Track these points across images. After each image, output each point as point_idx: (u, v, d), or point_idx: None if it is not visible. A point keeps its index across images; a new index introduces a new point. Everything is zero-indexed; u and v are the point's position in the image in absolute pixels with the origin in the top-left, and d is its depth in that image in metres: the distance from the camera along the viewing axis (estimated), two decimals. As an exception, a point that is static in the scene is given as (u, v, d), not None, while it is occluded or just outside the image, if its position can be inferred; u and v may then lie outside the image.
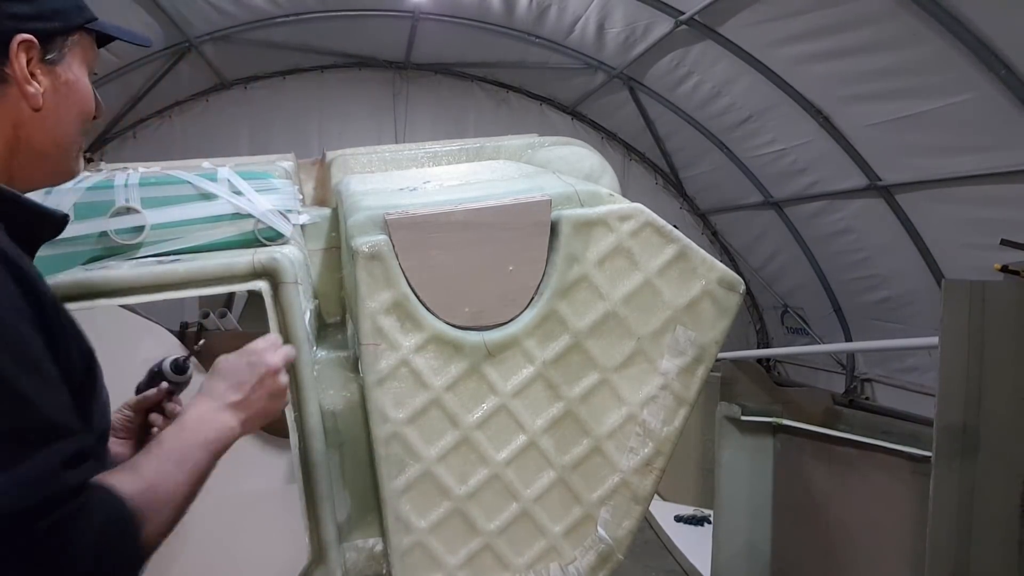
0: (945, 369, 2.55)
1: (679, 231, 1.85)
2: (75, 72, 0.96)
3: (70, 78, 0.95)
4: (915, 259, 4.64)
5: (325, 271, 2.31)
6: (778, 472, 3.46)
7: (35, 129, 0.92)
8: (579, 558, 1.79)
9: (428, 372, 1.69)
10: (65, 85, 0.94)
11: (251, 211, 1.91)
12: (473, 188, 1.89)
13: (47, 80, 0.92)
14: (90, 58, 0.99)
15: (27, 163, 0.93)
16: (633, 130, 6.86)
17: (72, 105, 0.96)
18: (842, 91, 4.32)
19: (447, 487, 1.72)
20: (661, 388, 1.79)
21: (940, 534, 2.49)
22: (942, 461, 2.50)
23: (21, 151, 0.92)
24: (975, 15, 3.23)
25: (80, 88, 0.96)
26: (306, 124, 6.57)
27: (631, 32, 5.26)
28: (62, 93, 0.94)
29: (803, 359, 6.53)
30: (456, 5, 5.56)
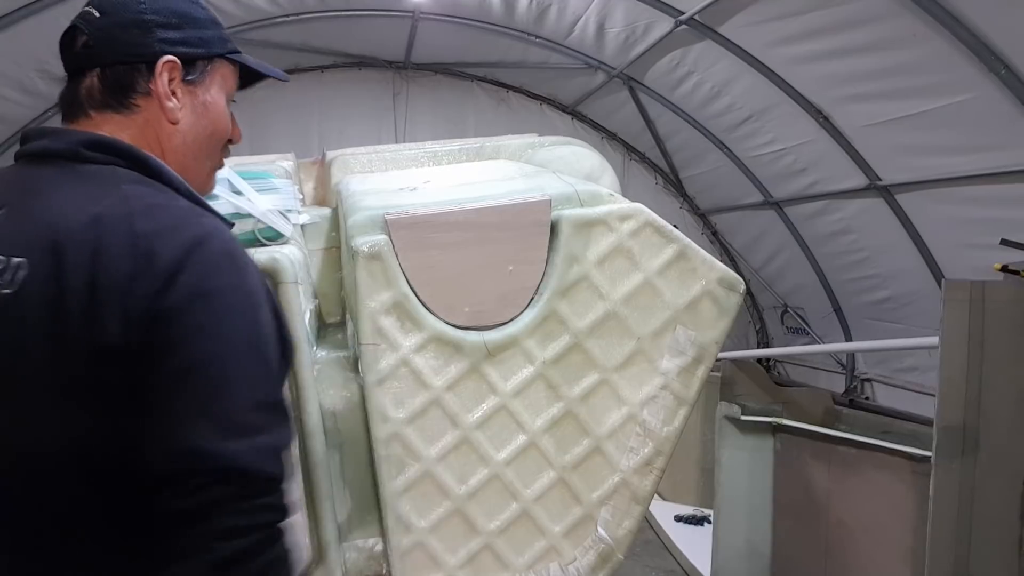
0: (945, 369, 2.55)
1: (679, 231, 1.85)
2: (212, 95, 1.04)
3: (207, 99, 1.04)
4: (915, 259, 4.64)
5: (325, 271, 2.31)
6: (778, 472, 3.46)
7: (174, 141, 1.01)
8: (579, 558, 1.79)
9: (428, 372, 1.69)
10: (202, 105, 1.03)
11: (251, 211, 1.91)
12: (473, 188, 1.89)
13: (186, 98, 1.02)
14: (229, 86, 1.08)
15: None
16: (633, 130, 6.85)
17: (207, 123, 1.04)
18: (842, 91, 4.32)
19: (447, 487, 1.72)
20: (661, 388, 1.79)
21: (940, 534, 2.49)
22: (942, 461, 2.50)
23: (167, 161, 1.00)
24: (975, 15, 3.23)
25: (216, 110, 1.05)
26: (306, 124, 6.56)
27: (631, 32, 5.25)
28: (198, 112, 1.03)
29: (803, 359, 6.53)
30: (456, 5, 5.56)
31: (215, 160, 1.08)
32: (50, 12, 4.07)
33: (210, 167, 1.08)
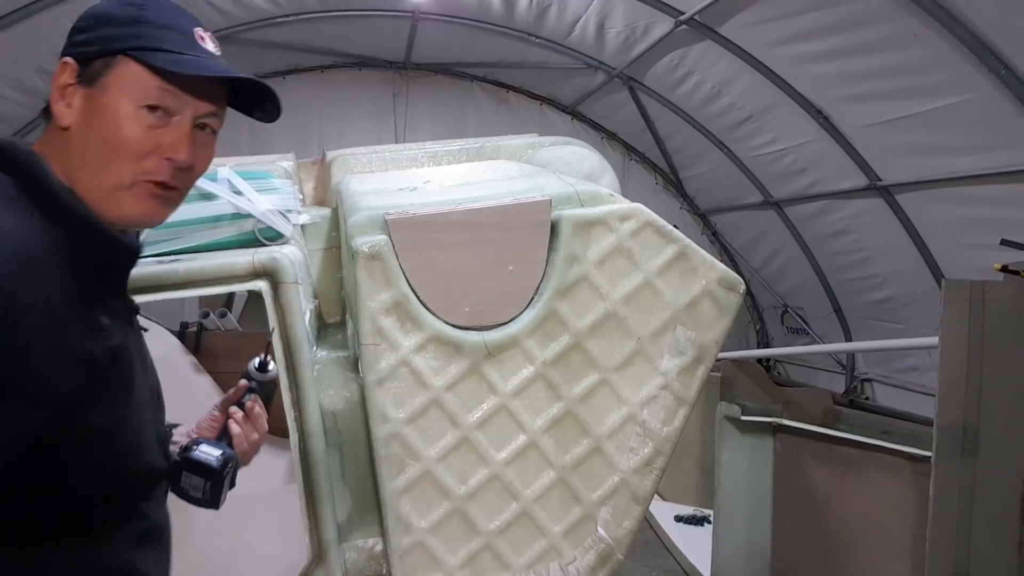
0: (945, 369, 2.55)
1: (679, 231, 1.85)
2: (110, 98, 0.92)
3: (101, 103, 0.92)
4: (915, 259, 4.64)
5: (325, 271, 2.31)
6: (778, 472, 3.46)
7: (66, 148, 0.93)
8: (579, 558, 1.79)
9: (428, 372, 1.69)
10: (94, 109, 0.92)
11: (251, 211, 1.91)
12: (473, 188, 1.89)
13: (80, 102, 0.93)
14: (140, 89, 0.92)
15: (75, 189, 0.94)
16: (633, 130, 6.86)
17: (98, 130, 0.92)
18: (842, 91, 4.32)
19: (447, 487, 1.72)
20: (661, 388, 1.79)
21: (940, 534, 2.49)
22: (942, 461, 2.50)
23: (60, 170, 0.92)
24: (975, 15, 3.23)
25: (111, 115, 0.92)
26: (306, 124, 6.56)
27: (631, 32, 5.26)
28: (89, 117, 0.92)
29: (803, 359, 6.53)
30: (456, 5, 5.56)
31: (120, 174, 0.92)
32: (50, 12, 4.07)
33: (113, 182, 0.92)
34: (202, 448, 1.10)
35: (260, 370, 1.20)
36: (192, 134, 0.96)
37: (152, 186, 0.94)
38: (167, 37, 0.94)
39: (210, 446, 1.11)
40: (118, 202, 0.93)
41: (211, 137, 1.01)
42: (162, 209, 0.98)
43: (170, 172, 0.95)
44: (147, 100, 0.93)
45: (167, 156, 0.94)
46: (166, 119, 0.94)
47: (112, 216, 0.93)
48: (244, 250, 1.87)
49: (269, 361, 1.20)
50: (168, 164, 0.94)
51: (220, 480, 1.09)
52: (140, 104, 0.92)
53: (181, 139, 0.95)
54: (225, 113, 1.04)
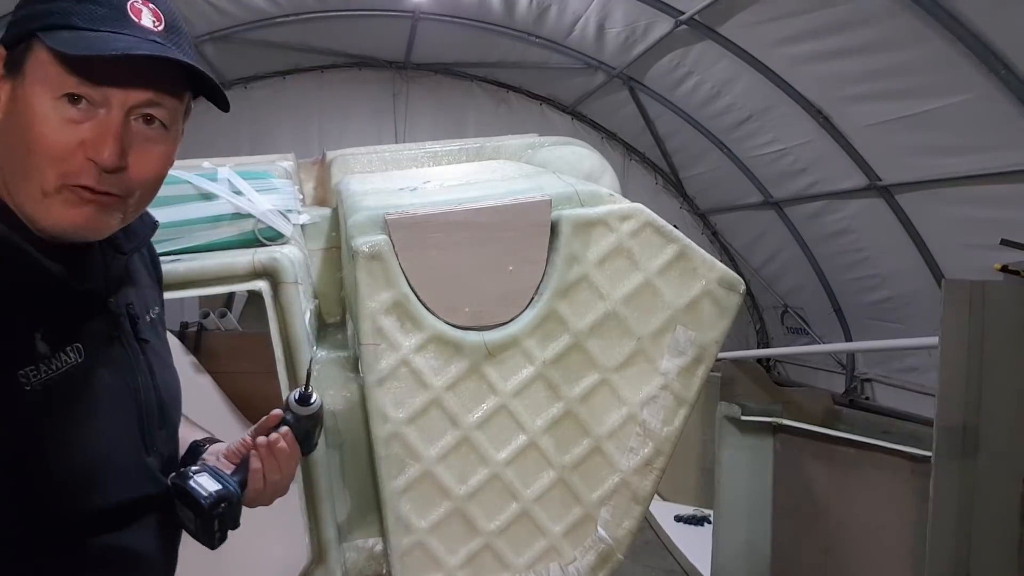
0: (945, 369, 2.55)
1: (679, 231, 1.85)
2: (27, 88, 0.78)
3: (19, 94, 0.79)
4: (915, 259, 4.64)
5: (325, 271, 2.31)
6: (778, 472, 3.46)
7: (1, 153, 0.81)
8: (579, 558, 1.79)
9: (428, 372, 1.69)
10: (14, 103, 0.79)
11: (251, 211, 1.91)
12: (473, 188, 1.89)
13: (5, 96, 0.81)
14: (51, 76, 0.78)
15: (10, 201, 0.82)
16: (633, 130, 6.86)
17: (18, 128, 0.79)
18: (842, 91, 4.32)
19: (447, 487, 1.72)
20: (661, 388, 1.79)
21: (940, 534, 2.49)
22: (942, 461, 2.50)
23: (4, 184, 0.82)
24: (975, 15, 3.23)
25: (27, 109, 0.78)
26: (306, 124, 6.57)
27: (631, 32, 5.26)
28: (11, 112, 0.80)
29: (803, 359, 6.53)
30: (456, 5, 5.56)
31: (43, 179, 0.78)
32: (50, 12, 4.07)
33: (37, 188, 0.79)
34: (199, 479, 0.95)
35: (300, 402, 1.03)
36: (124, 129, 0.81)
37: (77, 190, 0.79)
38: (82, 11, 0.79)
39: (212, 478, 0.96)
40: (47, 211, 0.80)
41: (161, 132, 0.84)
42: (100, 217, 0.82)
43: (95, 175, 0.79)
44: (63, 89, 0.78)
45: (89, 156, 0.79)
46: (91, 111, 0.79)
47: (45, 226, 0.81)
48: (244, 250, 1.87)
49: (312, 393, 1.03)
50: (92, 165, 0.79)
51: (209, 519, 0.95)
52: (56, 95, 0.78)
53: (104, 135, 0.79)
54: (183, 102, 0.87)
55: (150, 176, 0.85)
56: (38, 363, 0.79)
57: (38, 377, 0.79)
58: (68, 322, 0.85)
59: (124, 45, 0.78)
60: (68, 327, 0.84)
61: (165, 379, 1.00)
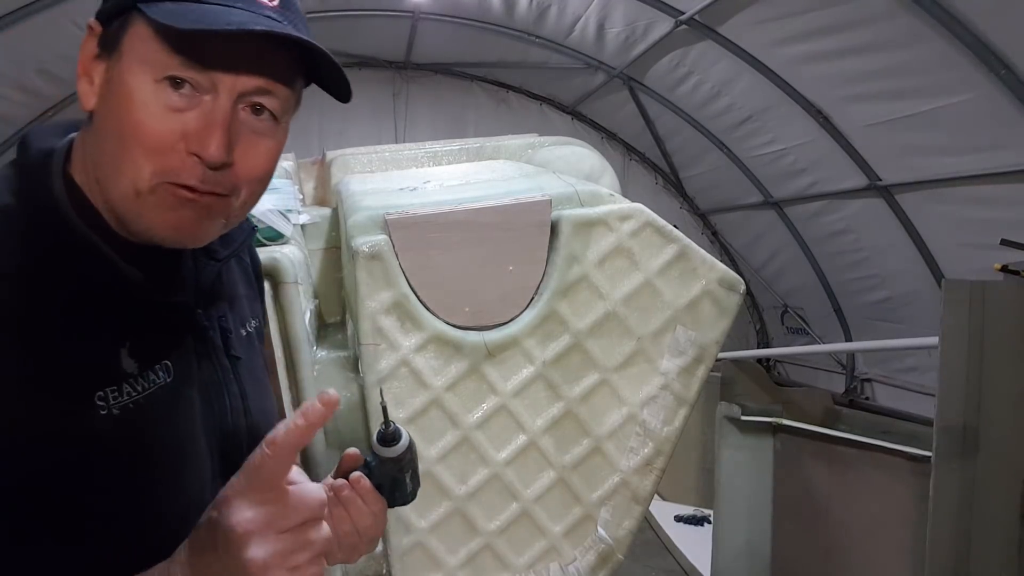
0: (945, 369, 2.55)
1: (679, 231, 1.85)
2: (123, 69, 0.67)
3: (116, 77, 0.68)
4: (915, 259, 4.64)
5: (325, 271, 2.31)
6: (778, 472, 3.46)
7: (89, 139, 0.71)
8: (579, 558, 1.79)
9: (428, 372, 1.69)
10: (109, 86, 0.68)
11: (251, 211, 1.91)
12: (473, 188, 1.89)
13: (100, 77, 0.70)
14: (153, 55, 0.66)
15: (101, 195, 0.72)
16: (633, 130, 6.86)
17: (112, 114, 0.68)
18: (842, 91, 4.32)
19: (447, 487, 1.72)
20: (661, 388, 1.79)
21: (940, 534, 2.49)
22: (942, 461, 2.51)
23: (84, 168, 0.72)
24: (975, 15, 3.23)
25: (123, 92, 0.67)
26: (306, 124, 6.57)
27: (631, 32, 5.26)
28: (105, 96, 0.69)
29: (803, 359, 6.53)
30: (456, 5, 5.56)
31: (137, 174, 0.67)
32: (50, 12, 4.07)
33: (131, 186, 0.68)
34: None
35: (383, 442, 0.81)
36: (231, 119, 0.69)
37: (177, 189, 0.68)
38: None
39: None
40: (140, 213, 0.69)
41: (270, 124, 0.72)
42: (201, 222, 0.71)
43: (199, 172, 0.68)
44: (165, 71, 0.66)
45: (192, 150, 0.67)
46: (195, 98, 0.67)
47: (138, 228, 0.70)
48: (244, 250, 1.87)
49: (397, 430, 0.81)
50: (195, 161, 0.68)
51: None
52: (158, 77, 0.66)
53: (211, 125, 0.67)
54: (296, 91, 0.75)
55: (258, 174, 0.73)
56: (121, 382, 0.68)
57: (119, 399, 0.67)
58: (155, 336, 0.73)
59: (240, 19, 0.66)
60: (156, 342, 0.73)
61: (259, 403, 0.87)
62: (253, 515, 0.61)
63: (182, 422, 0.75)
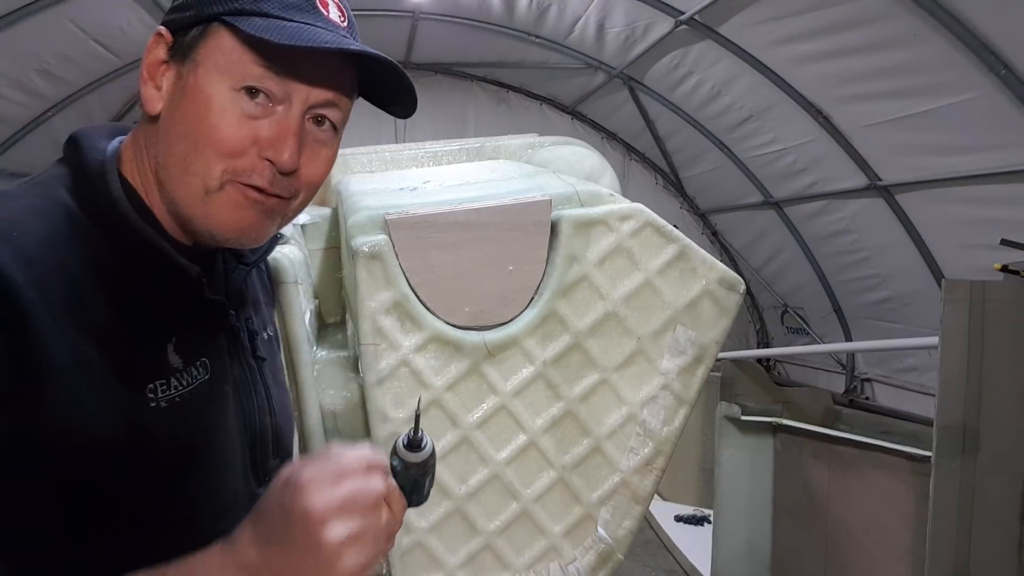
0: (945, 369, 2.55)
1: (679, 231, 1.85)
2: (200, 76, 0.72)
3: (189, 83, 0.73)
4: (915, 259, 4.64)
5: (325, 271, 2.31)
6: (778, 472, 3.47)
7: (157, 144, 0.75)
8: (579, 558, 1.79)
9: (428, 372, 1.69)
10: (183, 91, 0.73)
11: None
12: (473, 188, 1.89)
13: (170, 83, 0.74)
14: (233, 65, 0.71)
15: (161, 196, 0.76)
16: (633, 130, 6.86)
17: (184, 118, 0.72)
18: (842, 91, 4.32)
19: (447, 487, 1.72)
20: (661, 388, 1.79)
21: (940, 534, 2.49)
22: (942, 461, 2.51)
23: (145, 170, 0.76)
24: (975, 15, 3.23)
25: (198, 97, 0.72)
26: (306, 124, 6.57)
27: (631, 32, 5.26)
28: (178, 101, 0.73)
29: (803, 359, 6.53)
30: (456, 5, 5.56)
31: (208, 174, 0.72)
32: (50, 12, 4.07)
33: (200, 184, 0.72)
34: None
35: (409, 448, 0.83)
36: (302, 129, 0.75)
37: (246, 189, 0.73)
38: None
39: None
40: (207, 210, 0.73)
41: (330, 134, 0.79)
42: (263, 221, 0.76)
43: (269, 175, 0.73)
44: (244, 81, 0.72)
45: (266, 155, 0.73)
46: (269, 107, 0.73)
47: (200, 228, 0.74)
48: (244, 250, 1.88)
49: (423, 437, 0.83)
50: (267, 165, 0.73)
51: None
52: (236, 86, 0.72)
53: (284, 133, 0.73)
54: (351, 104, 0.81)
55: (318, 179, 0.80)
56: (169, 377, 0.72)
57: (167, 393, 0.71)
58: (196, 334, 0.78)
59: (328, 38, 0.72)
60: (197, 339, 0.78)
61: (281, 404, 0.91)
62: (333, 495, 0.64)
63: (220, 418, 0.79)
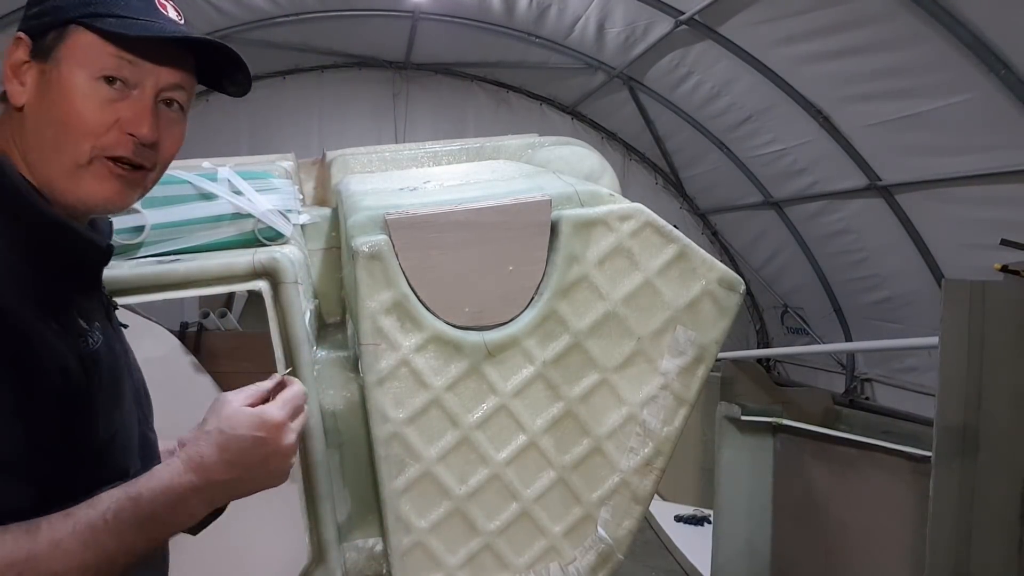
0: (945, 369, 2.55)
1: (679, 231, 1.85)
2: (63, 72, 0.85)
3: (54, 77, 0.85)
4: (915, 259, 4.64)
5: (325, 271, 2.31)
6: (778, 472, 3.46)
7: (22, 130, 0.87)
8: (579, 558, 1.79)
9: (428, 372, 1.69)
10: (47, 84, 0.85)
11: (251, 211, 1.91)
12: (473, 188, 1.89)
13: (33, 79, 0.86)
14: (93, 58, 0.85)
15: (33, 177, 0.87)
16: (633, 130, 6.86)
17: (52, 107, 0.85)
18: (842, 91, 4.32)
19: (447, 487, 1.72)
20: (661, 388, 1.79)
21: (940, 534, 2.49)
22: (942, 461, 2.50)
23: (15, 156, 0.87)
24: (975, 15, 3.23)
25: (65, 89, 0.85)
26: (306, 124, 6.56)
27: (631, 32, 5.26)
28: (43, 93, 0.86)
29: (803, 359, 6.53)
30: (456, 5, 5.56)
31: (77, 152, 0.85)
32: (50, 12, 4.07)
33: (70, 161, 0.85)
34: None
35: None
36: (155, 108, 0.89)
37: (112, 164, 0.87)
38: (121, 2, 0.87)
39: None
40: (77, 183, 0.86)
41: (179, 114, 0.93)
42: (126, 191, 0.89)
43: (132, 147, 0.87)
44: (103, 71, 0.85)
45: (128, 131, 0.87)
46: (125, 92, 0.87)
47: (71, 200, 0.87)
48: (244, 250, 1.87)
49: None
50: (129, 139, 0.87)
51: None
52: (95, 75, 0.85)
53: (142, 112, 0.87)
54: (194, 88, 0.96)
55: (172, 152, 0.94)
56: (86, 336, 0.85)
57: (87, 348, 0.85)
58: (86, 301, 0.90)
59: (172, 28, 0.89)
60: (88, 306, 0.90)
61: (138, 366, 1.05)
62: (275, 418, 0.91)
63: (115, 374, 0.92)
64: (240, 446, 0.87)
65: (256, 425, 0.88)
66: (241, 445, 0.87)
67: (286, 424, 0.91)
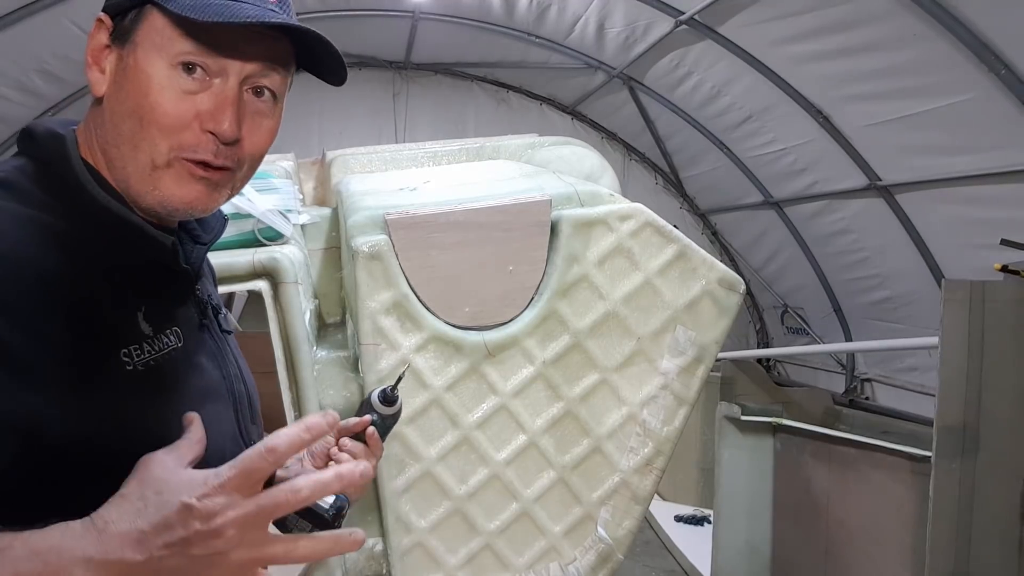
0: (945, 369, 2.55)
1: (679, 231, 1.85)
2: (139, 57, 0.75)
3: (129, 64, 0.76)
4: (915, 259, 4.64)
5: (325, 271, 2.31)
6: (778, 472, 3.46)
7: (100, 123, 0.79)
8: (579, 558, 1.79)
9: (428, 372, 1.69)
10: (124, 73, 0.76)
11: (251, 211, 1.91)
12: (473, 188, 1.89)
13: (111, 66, 0.78)
14: (168, 44, 0.75)
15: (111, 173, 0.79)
16: (633, 130, 6.85)
17: (127, 97, 0.76)
18: (842, 91, 4.32)
19: (447, 487, 1.72)
20: (661, 388, 1.79)
21: (940, 534, 2.49)
22: (942, 461, 2.50)
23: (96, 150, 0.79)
24: (975, 15, 3.23)
25: (139, 78, 0.75)
26: (306, 124, 6.56)
27: (631, 32, 5.26)
28: (120, 83, 0.77)
29: (803, 359, 6.53)
30: (456, 5, 5.56)
31: (154, 150, 0.76)
32: (50, 12, 4.07)
33: (147, 161, 0.76)
34: None
35: (385, 402, 0.99)
36: (240, 99, 0.78)
37: (192, 165, 0.77)
38: None
39: None
40: (155, 185, 0.77)
41: (270, 104, 0.82)
42: (209, 194, 0.79)
43: (213, 148, 0.77)
44: (179, 57, 0.75)
45: (207, 127, 0.76)
46: (206, 81, 0.76)
47: (151, 202, 0.77)
48: (244, 250, 1.87)
49: (397, 395, 0.99)
50: (210, 138, 0.76)
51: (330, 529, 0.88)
52: (173, 62, 0.75)
53: (223, 105, 0.76)
54: (291, 74, 0.84)
55: (261, 149, 0.83)
56: (142, 343, 0.75)
57: (141, 357, 0.75)
58: (165, 304, 0.81)
59: (253, 12, 0.75)
60: (165, 310, 0.81)
61: (247, 372, 0.96)
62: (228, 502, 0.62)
63: (195, 383, 0.82)
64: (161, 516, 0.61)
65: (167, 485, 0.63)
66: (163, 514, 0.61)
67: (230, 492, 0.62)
